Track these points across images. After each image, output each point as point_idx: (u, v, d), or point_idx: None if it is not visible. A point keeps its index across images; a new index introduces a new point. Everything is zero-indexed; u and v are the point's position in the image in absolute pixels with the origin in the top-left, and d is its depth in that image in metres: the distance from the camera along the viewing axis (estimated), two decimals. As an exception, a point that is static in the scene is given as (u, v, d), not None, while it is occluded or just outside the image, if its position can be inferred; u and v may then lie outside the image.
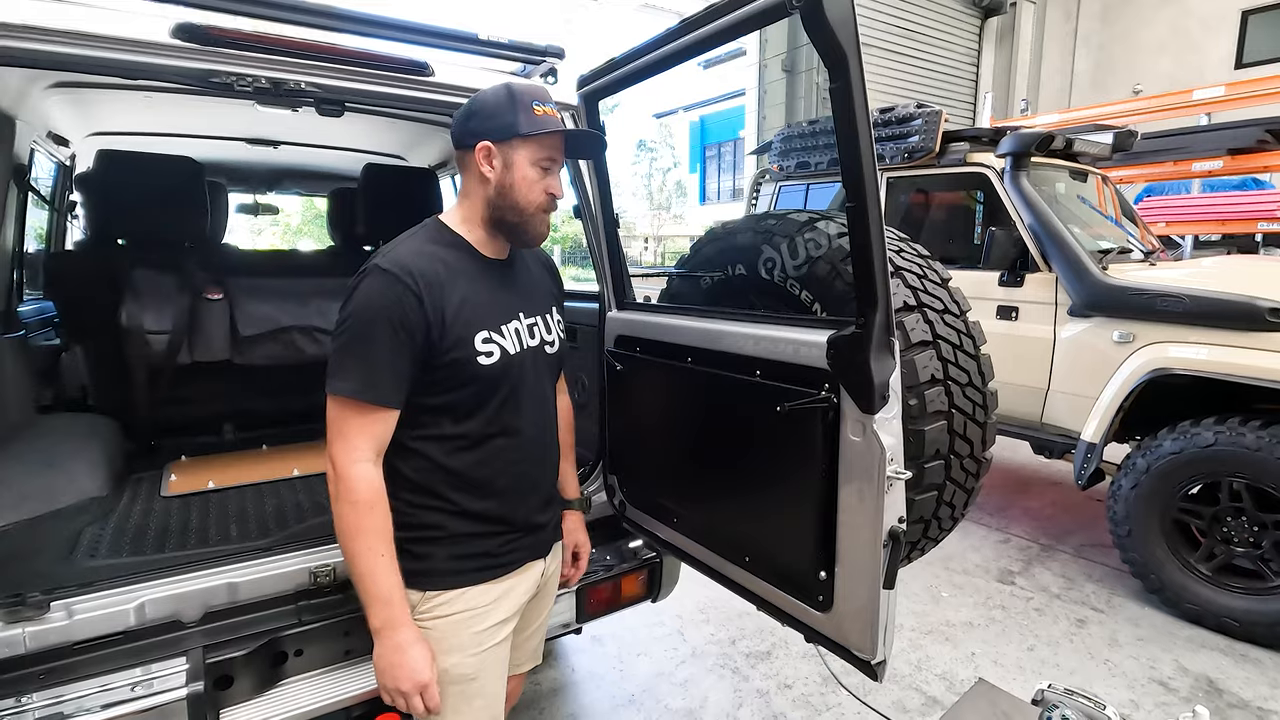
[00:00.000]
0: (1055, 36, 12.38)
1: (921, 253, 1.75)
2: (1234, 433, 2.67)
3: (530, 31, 27.76)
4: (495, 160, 1.25)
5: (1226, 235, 6.36)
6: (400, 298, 1.15)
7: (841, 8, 1.05)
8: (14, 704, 1.26)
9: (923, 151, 3.91)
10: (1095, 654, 2.71)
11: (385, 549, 1.16)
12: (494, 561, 1.32)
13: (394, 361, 1.16)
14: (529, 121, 1.24)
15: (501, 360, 1.26)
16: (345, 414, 1.16)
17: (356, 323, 1.16)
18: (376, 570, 1.15)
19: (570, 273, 21.77)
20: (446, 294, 1.20)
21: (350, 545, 1.15)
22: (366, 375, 1.15)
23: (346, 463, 1.15)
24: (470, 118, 1.26)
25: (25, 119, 2.17)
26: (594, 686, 2.53)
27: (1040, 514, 4.15)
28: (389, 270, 1.16)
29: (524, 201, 1.27)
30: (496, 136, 1.24)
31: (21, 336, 2.26)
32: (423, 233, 1.29)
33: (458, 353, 1.21)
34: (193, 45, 1.46)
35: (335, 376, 1.16)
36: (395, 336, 1.15)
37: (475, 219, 1.30)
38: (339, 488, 1.15)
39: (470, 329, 1.23)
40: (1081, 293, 3.20)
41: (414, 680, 1.17)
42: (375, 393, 1.16)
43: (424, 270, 1.18)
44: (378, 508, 1.16)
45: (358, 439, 1.16)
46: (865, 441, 1.21)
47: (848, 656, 1.32)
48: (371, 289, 1.16)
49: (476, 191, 1.28)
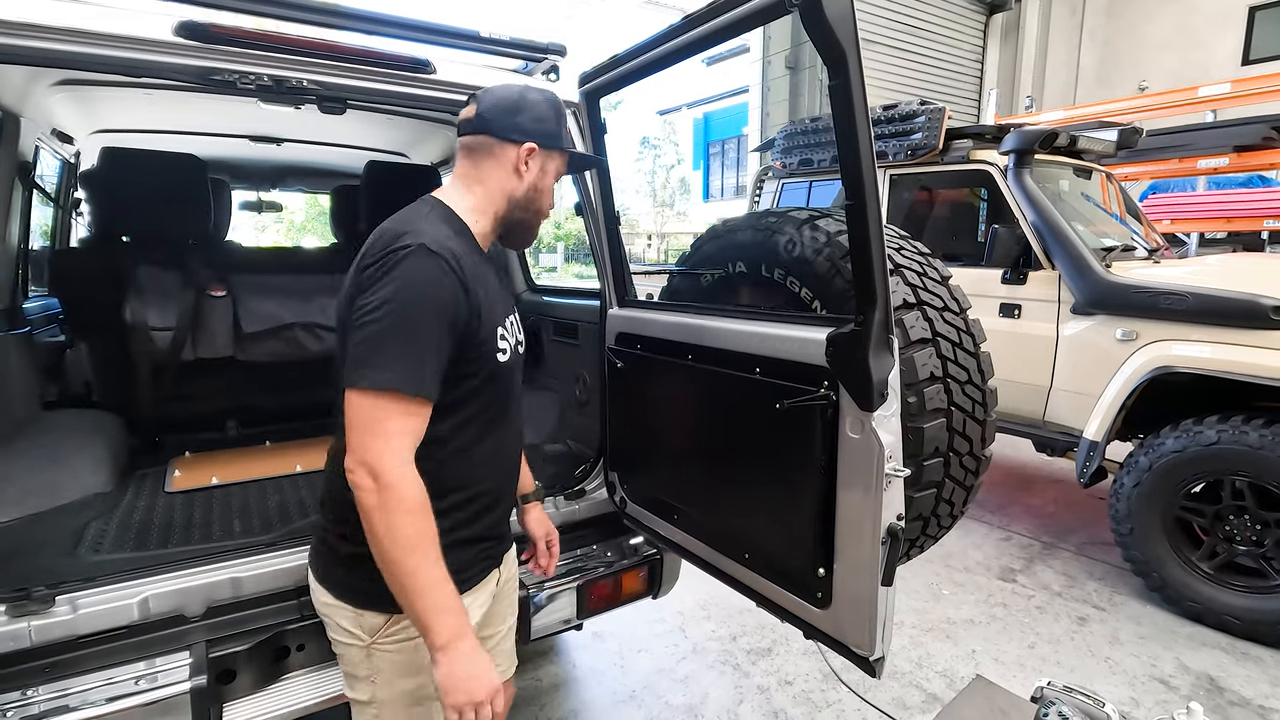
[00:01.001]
0: (1060, 32, 12.32)
1: (921, 250, 1.75)
2: (1237, 431, 2.67)
3: (532, 28, 27.71)
4: (533, 162, 1.25)
5: (1232, 233, 6.33)
6: (450, 284, 1.08)
7: (840, 5, 1.05)
8: (19, 697, 1.28)
9: (926, 148, 3.90)
10: (1096, 652, 2.71)
11: (440, 556, 1.06)
12: (464, 575, 1.23)
13: (440, 352, 1.08)
14: (568, 138, 1.30)
15: (510, 356, 1.25)
16: (386, 409, 1.03)
17: (401, 306, 1.04)
18: (440, 582, 1.04)
19: (573, 269, 21.77)
20: (479, 284, 1.15)
21: (409, 561, 1.02)
22: (412, 365, 1.04)
23: (393, 465, 1.02)
24: (519, 113, 1.23)
25: (30, 116, 2.18)
26: (595, 682, 2.54)
27: (1042, 512, 4.15)
28: (438, 253, 1.07)
29: (545, 207, 1.30)
30: (544, 142, 1.25)
31: (26, 333, 2.27)
32: (436, 214, 1.20)
33: (484, 347, 1.17)
34: (196, 43, 1.46)
35: (373, 367, 1.03)
36: (441, 324, 1.08)
37: (488, 211, 1.26)
38: (388, 496, 1.01)
39: (493, 322, 1.20)
40: (1084, 290, 3.19)
41: (490, 687, 1.07)
42: (422, 384, 1.06)
43: (461, 255, 1.12)
44: (430, 513, 1.06)
45: (402, 438, 1.04)
46: (864, 439, 1.22)
47: (846, 653, 1.33)
48: (419, 271, 1.06)
49: (501, 185, 1.25)
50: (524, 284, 3.44)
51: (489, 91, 1.25)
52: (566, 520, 2.04)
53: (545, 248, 24.95)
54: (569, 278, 20.04)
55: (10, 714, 1.24)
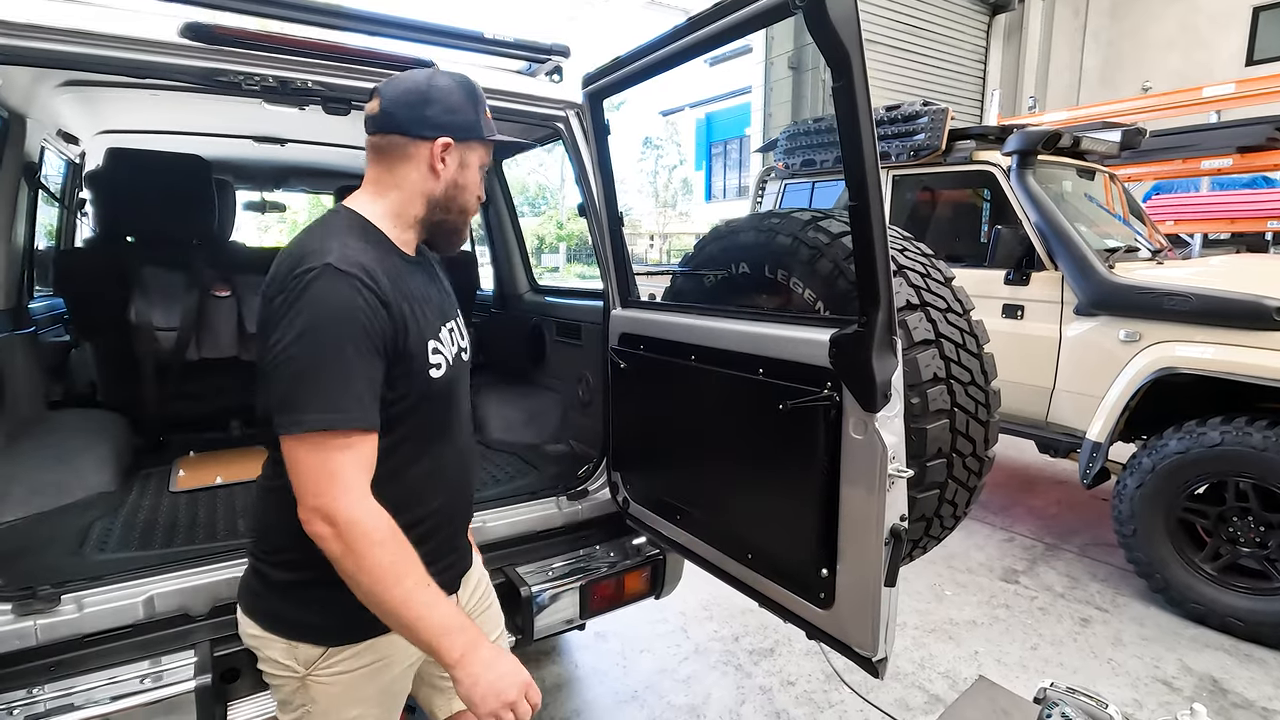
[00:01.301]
0: (1063, 33, 12.30)
1: (925, 252, 1.75)
2: (1240, 432, 2.66)
3: (535, 29, 27.70)
4: (450, 158, 1.13)
5: (1236, 234, 6.32)
6: (368, 303, 0.99)
7: (844, 7, 1.05)
8: (25, 695, 1.28)
9: (929, 149, 3.90)
10: (1099, 653, 2.70)
11: (426, 573, 1.00)
12: None
13: (372, 378, 1.00)
14: (488, 125, 1.17)
15: (447, 371, 1.15)
16: (327, 451, 0.95)
17: (317, 337, 0.96)
18: (436, 602, 0.98)
19: (575, 270, 21.78)
20: (400, 297, 1.06)
21: (394, 592, 0.96)
22: (343, 397, 0.96)
23: (349, 504, 0.95)
24: (429, 104, 1.11)
25: (36, 117, 2.19)
26: (597, 682, 2.54)
27: (1045, 513, 4.14)
28: (346, 271, 0.98)
29: (470, 205, 1.19)
30: (459, 134, 1.13)
31: (32, 333, 2.28)
32: (347, 226, 1.09)
33: (415, 364, 1.08)
34: (201, 44, 1.47)
35: (302, 409, 0.94)
36: (369, 348, 0.99)
37: (406, 216, 1.15)
38: (352, 535, 0.94)
39: (423, 337, 1.10)
40: (1088, 291, 3.19)
41: (519, 683, 1.02)
42: (359, 415, 0.98)
43: (378, 270, 1.03)
44: (402, 536, 0.99)
45: (355, 476, 0.97)
46: (867, 439, 1.22)
47: (849, 653, 1.33)
48: (329, 294, 0.97)
49: (418, 186, 1.14)
50: (527, 284, 3.44)
51: (393, 83, 1.13)
52: (569, 520, 2.04)
53: (548, 248, 24.97)
54: (571, 278, 20.05)
55: (16, 712, 1.25)
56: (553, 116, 2.01)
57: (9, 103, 2.03)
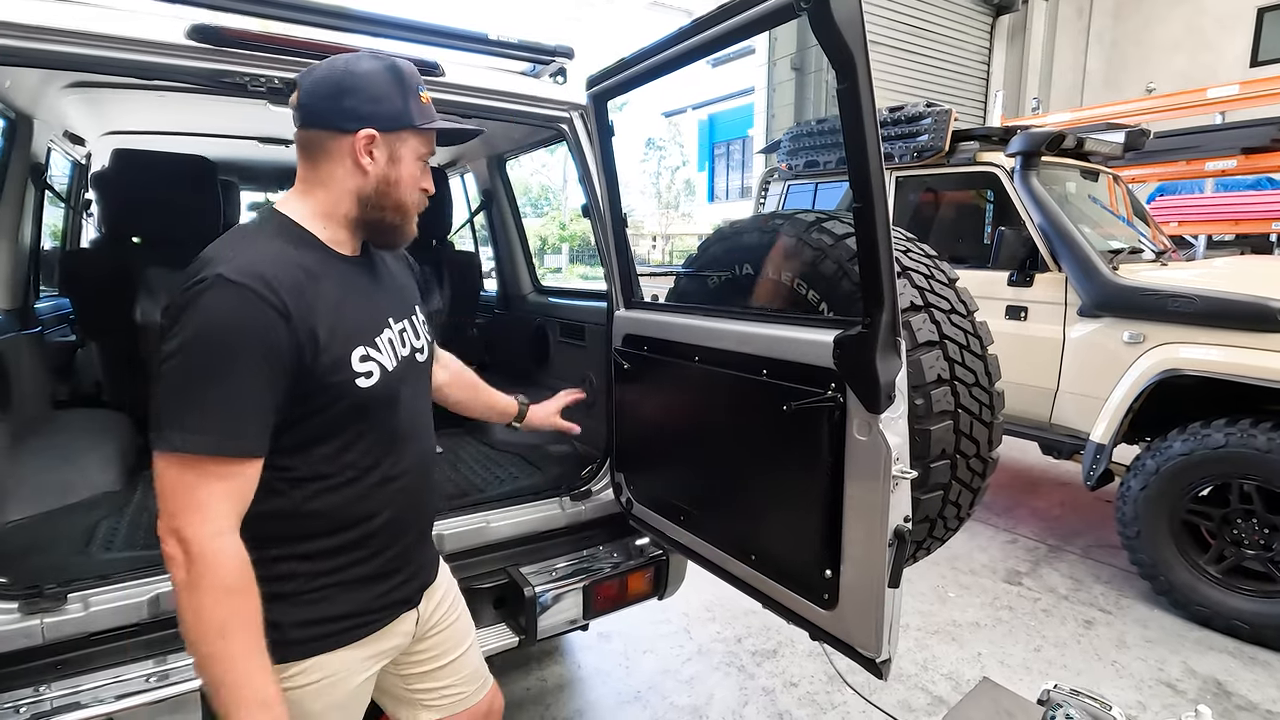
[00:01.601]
0: (1067, 34, 12.29)
1: (929, 253, 1.75)
2: (1245, 434, 2.65)
3: (538, 30, 27.74)
4: (377, 151, 1.04)
5: (1240, 235, 6.30)
6: (261, 316, 0.91)
7: (849, 9, 1.05)
8: (32, 693, 1.29)
9: (932, 150, 3.90)
10: (1103, 655, 2.70)
11: (259, 641, 0.91)
12: (362, 620, 1.10)
13: (260, 400, 0.92)
14: (420, 111, 1.07)
15: (381, 380, 1.05)
16: (196, 475, 0.88)
17: (203, 352, 0.89)
18: (254, 671, 0.89)
19: (578, 270, 21.79)
20: (315, 306, 0.97)
21: (216, 646, 0.87)
22: (222, 421, 0.89)
23: (205, 537, 0.87)
24: (347, 94, 1.02)
25: (43, 118, 2.20)
26: (600, 683, 2.54)
27: (1048, 514, 4.14)
28: (240, 282, 0.90)
29: (407, 200, 1.09)
30: (384, 125, 1.03)
31: (38, 333, 2.29)
32: (267, 228, 1.03)
33: (335, 376, 0.99)
34: (208, 46, 1.48)
35: (175, 427, 0.87)
36: (259, 367, 0.91)
37: (337, 215, 1.07)
38: (197, 571, 0.86)
39: (347, 346, 1.01)
40: (1091, 293, 3.18)
41: None
42: (239, 444, 0.90)
43: (284, 279, 0.94)
44: (250, 590, 0.90)
45: (219, 505, 0.89)
46: (871, 441, 1.22)
47: (852, 655, 1.33)
48: (216, 307, 0.89)
49: (345, 184, 1.05)
50: (531, 285, 3.45)
51: (310, 72, 1.04)
52: (573, 521, 2.05)
53: (550, 249, 24.99)
54: (573, 278, 20.06)
55: (23, 710, 1.25)
56: (557, 118, 2.02)
57: (16, 104, 2.04)
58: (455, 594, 1.39)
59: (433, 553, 1.30)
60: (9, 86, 1.96)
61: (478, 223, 3.87)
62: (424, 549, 1.24)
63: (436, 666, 1.30)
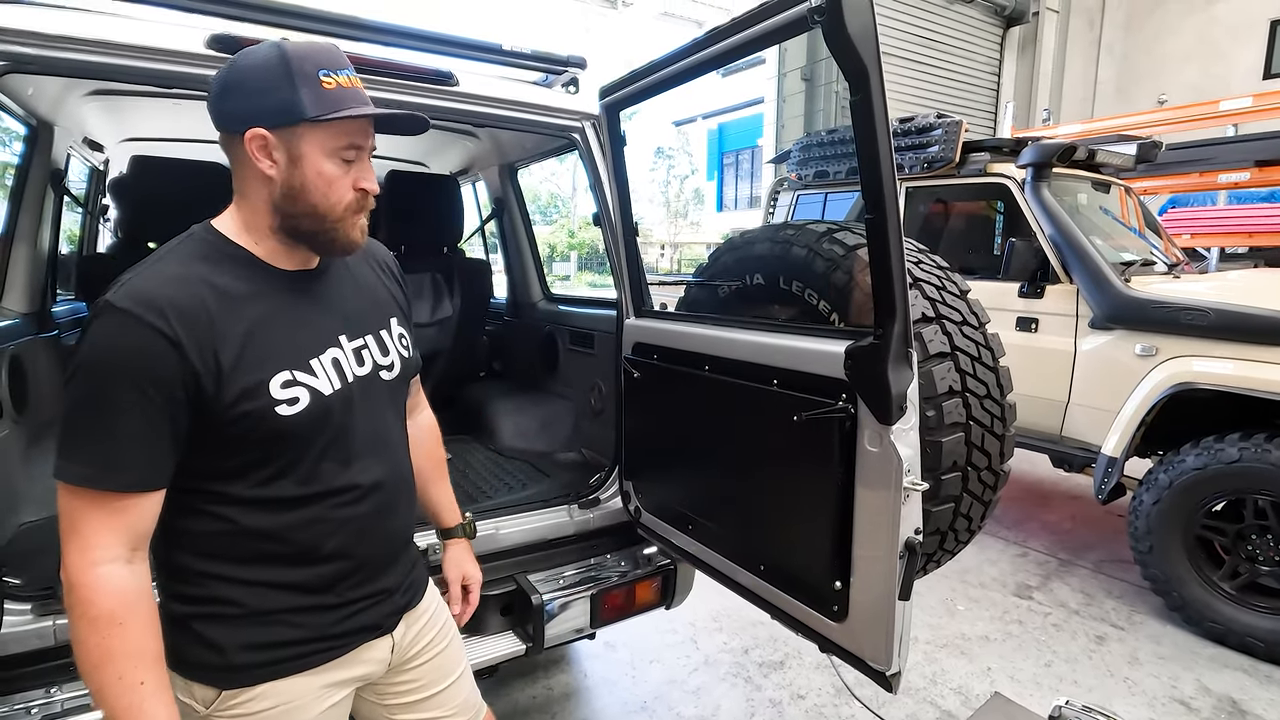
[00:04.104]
0: (1078, 45, 12.27)
1: (940, 264, 1.75)
2: (1259, 449, 2.63)
3: (550, 40, 27.90)
4: (275, 153, 0.93)
5: (1254, 248, 6.25)
6: (145, 345, 0.85)
7: (862, 22, 1.06)
8: (44, 695, 1.30)
9: (943, 161, 3.89)
10: (1115, 671, 2.67)
11: (147, 672, 0.85)
12: (316, 647, 1.03)
13: (145, 432, 0.86)
14: (317, 99, 0.91)
15: (312, 406, 0.96)
16: (78, 506, 0.86)
17: (86, 382, 0.85)
18: (137, 706, 0.84)
19: (585, 278, 21.85)
20: (219, 329, 0.90)
21: (96, 677, 0.84)
22: (106, 454, 0.85)
23: (80, 567, 0.84)
24: (228, 94, 0.93)
25: (63, 125, 2.23)
26: (606, 692, 2.53)
27: (1059, 528, 4.10)
28: (125, 309, 0.85)
29: (325, 205, 0.95)
30: (271, 121, 0.91)
31: (54, 336, 2.32)
32: (185, 248, 0.96)
33: (248, 404, 0.91)
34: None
35: (63, 455, 0.85)
36: (144, 398, 0.85)
37: (260, 227, 0.98)
38: (72, 600, 0.84)
39: (264, 371, 0.93)
40: (1103, 305, 3.17)
41: None
42: (119, 477, 0.86)
43: (179, 302, 0.87)
44: (131, 622, 0.85)
45: (100, 536, 0.85)
46: (882, 452, 1.22)
47: (862, 667, 1.32)
48: (103, 336, 0.85)
49: (256, 192, 0.96)
50: (540, 293, 3.46)
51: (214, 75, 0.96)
52: (581, 529, 2.05)
53: (559, 256, 25.09)
54: (581, 285, 20.12)
55: (35, 711, 1.26)
56: (569, 127, 2.03)
57: (38, 111, 2.07)
58: (445, 620, 1.29)
59: (413, 576, 1.19)
60: (31, 94, 1.99)
61: (488, 230, 3.90)
62: (395, 572, 1.13)
63: (422, 697, 1.21)
